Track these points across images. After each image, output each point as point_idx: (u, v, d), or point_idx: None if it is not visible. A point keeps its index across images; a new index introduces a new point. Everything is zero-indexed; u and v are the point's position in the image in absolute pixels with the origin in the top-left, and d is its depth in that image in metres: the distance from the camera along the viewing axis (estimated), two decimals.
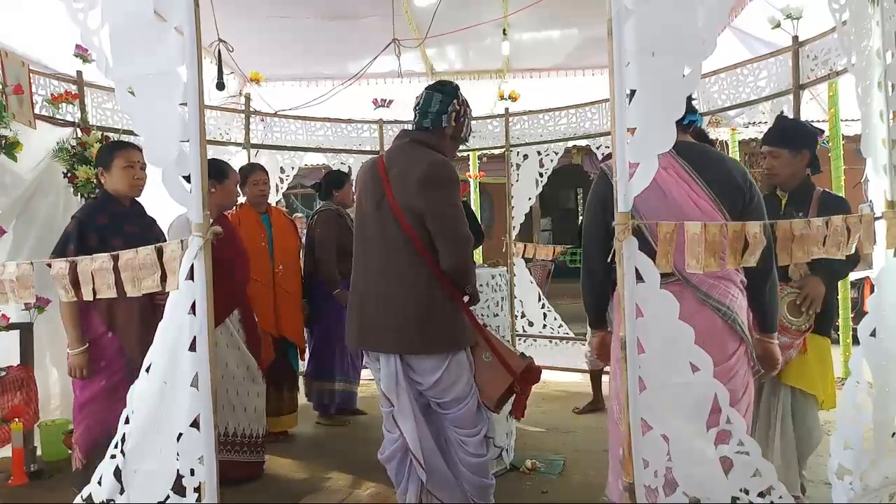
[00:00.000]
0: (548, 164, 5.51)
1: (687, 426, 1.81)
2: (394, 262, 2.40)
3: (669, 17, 1.72)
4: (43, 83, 3.81)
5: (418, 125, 2.51)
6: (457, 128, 2.52)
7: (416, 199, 2.35)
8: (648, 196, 2.05)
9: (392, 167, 2.44)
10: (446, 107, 2.47)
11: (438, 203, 2.36)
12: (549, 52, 6.45)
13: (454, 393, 2.44)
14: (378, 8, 5.13)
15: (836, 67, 3.70)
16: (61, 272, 1.97)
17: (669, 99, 1.74)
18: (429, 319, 2.37)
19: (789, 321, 2.55)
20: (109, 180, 2.86)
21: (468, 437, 2.49)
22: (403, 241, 2.37)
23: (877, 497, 2.10)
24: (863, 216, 2.14)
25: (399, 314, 2.37)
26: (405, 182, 2.38)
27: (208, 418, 1.79)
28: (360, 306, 2.48)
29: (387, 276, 2.41)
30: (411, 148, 2.47)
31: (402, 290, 2.38)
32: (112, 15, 1.76)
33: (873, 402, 2.12)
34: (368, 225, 2.48)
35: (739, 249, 1.86)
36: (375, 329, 2.43)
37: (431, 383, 2.41)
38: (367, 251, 2.49)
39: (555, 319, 5.82)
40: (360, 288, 2.51)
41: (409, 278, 2.37)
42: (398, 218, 2.37)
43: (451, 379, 2.42)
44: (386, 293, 2.41)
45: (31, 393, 3.37)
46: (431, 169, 2.38)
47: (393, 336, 2.39)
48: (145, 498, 1.86)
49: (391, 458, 2.56)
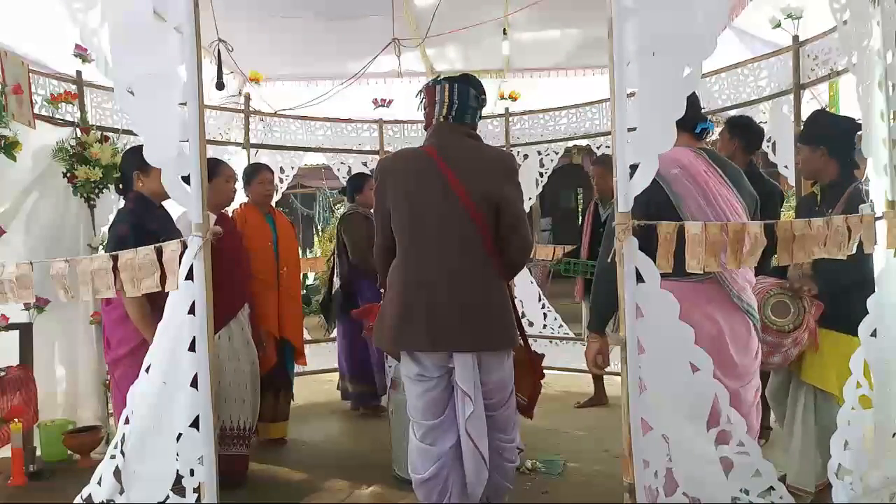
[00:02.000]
0: (548, 164, 5.51)
1: (687, 426, 1.81)
2: (464, 256, 2.30)
3: (669, 17, 1.71)
4: (42, 83, 3.81)
5: (459, 119, 2.41)
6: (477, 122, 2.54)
7: (498, 191, 2.29)
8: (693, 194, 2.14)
9: (455, 159, 2.32)
10: (481, 103, 2.47)
11: (516, 198, 2.36)
12: (549, 52, 6.45)
13: (505, 391, 2.39)
14: (378, 8, 5.12)
15: (836, 67, 3.70)
16: (61, 272, 1.97)
17: (669, 99, 1.74)
18: (501, 314, 2.34)
19: (771, 321, 2.53)
20: (147, 183, 2.86)
21: (506, 442, 2.42)
22: (474, 233, 2.29)
23: (877, 497, 2.10)
24: (863, 216, 2.14)
25: (478, 310, 2.29)
26: (482, 174, 2.31)
27: (208, 418, 1.79)
28: (429, 306, 2.28)
29: (458, 271, 2.29)
30: (467, 140, 2.41)
31: (478, 286, 2.30)
32: (112, 15, 1.77)
33: (873, 402, 2.12)
34: (427, 219, 2.31)
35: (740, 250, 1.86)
36: (451, 328, 2.27)
37: (496, 381, 2.34)
38: (425, 247, 2.31)
39: (555, 319, 5.82)
40: (419, 287, 2.30)
41: (481, 271, 2.32)
42: (470, 211, 2.27)
43: (508, 376, 2.40)
44: (462, 290, 2.28)
45: (31, 393, 3.36)
46: (512, 161, 2.43)
47: (476, 333, 2.29)
48: (145, 498, 1.86)
49: (435, 476, 2.32)
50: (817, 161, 2.73)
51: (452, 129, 2.41)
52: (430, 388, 2.33)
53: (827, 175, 2.73)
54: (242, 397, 3.32)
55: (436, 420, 2.33)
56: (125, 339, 2.77)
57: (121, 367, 2.74)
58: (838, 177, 2.70)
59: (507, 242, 2.32)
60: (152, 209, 2.87)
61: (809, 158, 2.75)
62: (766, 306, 2.52)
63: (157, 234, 2.69)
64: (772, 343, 2.54)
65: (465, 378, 2.28)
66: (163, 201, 2.93)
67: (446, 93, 2.41)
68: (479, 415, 2.32)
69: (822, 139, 2.72)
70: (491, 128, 5.64)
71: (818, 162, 2.73)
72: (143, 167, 2.83)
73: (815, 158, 2.72)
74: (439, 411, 2.33)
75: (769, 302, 2.54)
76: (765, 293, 2.55)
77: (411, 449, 2.40)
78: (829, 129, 2.74)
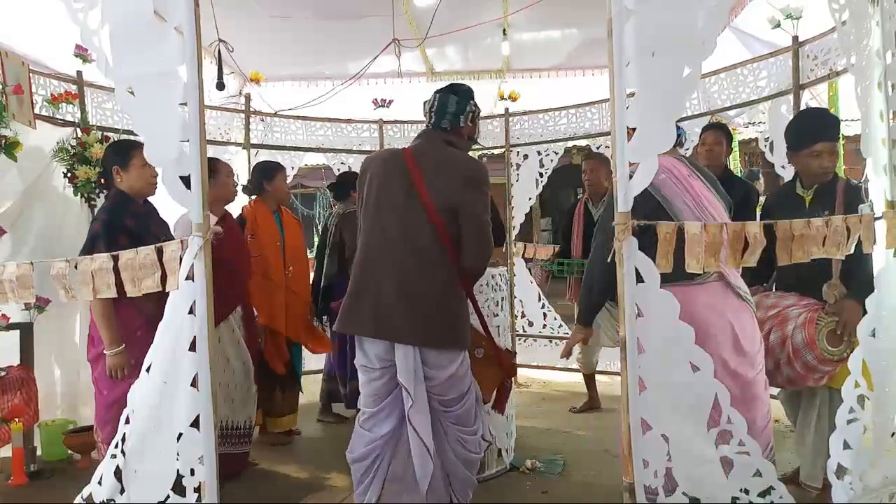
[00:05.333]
0: (548, 164, 5.51)
1: (687, 426, 1.81)
2: (420, 255, 2.38)
3: (669, 17, 1.72)
4: (43, 83, 3.81)
5: (436, 125, 2.53)
6: (472, 128, 2.59)
7: (457, 196, 2.38)
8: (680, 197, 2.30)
9: (424, 162, 2.44)
10: (463, 108, 2.52)
11: (476, 204, 2.40)
12: (549, 52, 6.44)
13: (460, 390, 2.45)
14: (378, 8, 5.12)
15: (836, 67, 3.70)
16: (61, 272, 1.97)
17: (669, 99, 1.75)
18: (449, 315, 2.40)
19: (830, 353, 2.45)
20: (126, 179, 2.81)
21: (468, 434, 2.49)
22: (432, 235, 2.38)
23: (877, 497, 2.10)
24: (863, 216, 2.14)
25: (425, 306, 2.36)
26: (444, 178, 2.40)
27: (208, 418, 1.79)
28: (376, 294, 2.40)
29: (412, 268, 2.38)
30: (443, 146, 2.50)
31: (428, 283, 2.37)
32: (112, 15, 1.77)
33: (873, 402, 2.12)
34: (389, 214, 2.43)
35: (739, 249, 1.86)
36: (394, 318, 2.36)
37: (444, 379, 2.40)
38: (385, 240, 2.42)
39: (555, 319, 5.82)
40: (372, 280, 2.42)
41: (436, 272, 2.38)
42: (429, 212, 2.37)
43: (461, 375, 2.45)
44: (410, 284, 2.37)
45: (31, 393, 3.36)
46: (476, 170, 2.47)
47: (415, 328, 2.35)
48: (145, 498, 1.87)
49: (364, 458, 2.48)
50: (797, 161, 2.73)
51: (432, 135, 2.54)
52: (373, 378, 2.46)
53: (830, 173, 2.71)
54: (233, 397, 3.34)
55: (375, 408, 2.48)
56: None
57: (101, 364, 2.73)
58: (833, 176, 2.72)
59: (464, 249, 2.40)
60: (130, 206, 2.80)
61: (792, 159, 2.74)
62: (819, 338, 2.46)
63: (134, 231, 2.67)
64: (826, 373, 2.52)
65: (404, 370, 2.38)
66: (146, 197, 2.89)
67: (432, 102, 2.56)
68: (421, 409, 2.40)
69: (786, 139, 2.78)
70: (491, 128, 5.64)
71: (800, 162, 2.72)
72: (121, 163, 2.79)
73: (835, 156, 2.69)
74: (379, 400, 2.47)
75: (822, 332, 2.47)
76: (814, 322, 2.48)
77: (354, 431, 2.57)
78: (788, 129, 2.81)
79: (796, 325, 2.51)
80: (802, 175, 2.77)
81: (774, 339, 2.56)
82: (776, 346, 2.55)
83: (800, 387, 2.64)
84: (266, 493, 3.22)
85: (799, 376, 2.53)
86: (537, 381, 5.48)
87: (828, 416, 2.62)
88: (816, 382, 2.57)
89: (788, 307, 2.60)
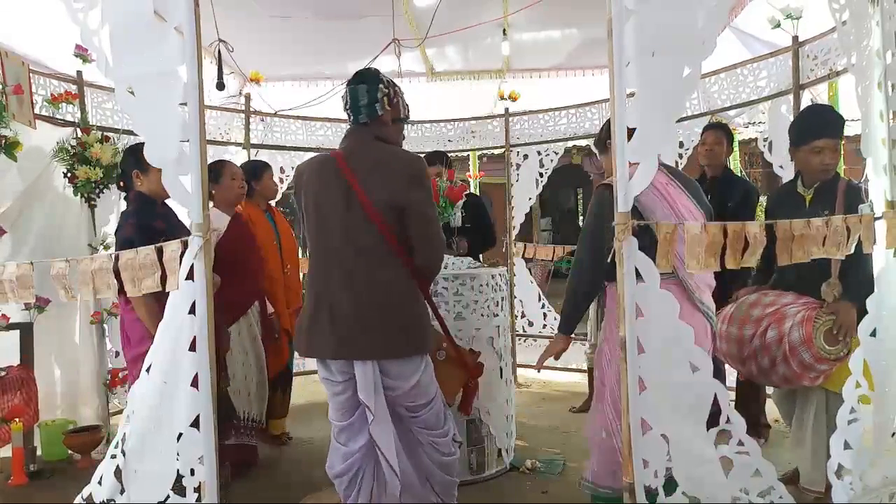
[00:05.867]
0: (548, 164, 5.51)
1: (687, 426, 1.81)
2: (367, 262, 2.25)
3: (669, 17, 1.72)
4: (43, 83, 3.81)
5: (356, 121, 2.38)
6: (393, 110, 2.41)
7: (401, 196, 2.24)
8: (659, 204, 2.35)
9: (355, 162, 2.30)
10: (375, 95, 2.34)
11: (423, 203, 2.28)
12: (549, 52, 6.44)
13: (427, 396, 2.36)
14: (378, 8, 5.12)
15: (836, 67, 3.70)
16: (61, 272, 1.97)
17: (669, 99, 1.75)
18: (408, 321, 2.27)
19: (827, 352, 2.45)
20: (146, 182, 2.86)
21: (439, 437, 2.41)
22: (377, 239, 2.25)
23: (877, 497, 2.10)
24: (863, 216, 2.14)
25: (378, 314, 2.24)
26: (382, 176, 2.26)
27: (208, 418, 1.79)
28: (330, 310, 2.27)
29: (361, 279, 2.25)
30: (372, 143, 2.35)
31: (379, 292, 2.25)
32: (112, 15, 1.77)
33: (873, 402, 2.12)
34: (331, 225, 2.30)
35: (739, 250, 1.86)
36: (351, 334, 2.24)
37: (408, 389, 2.29)
38: (330, 253, 2.31)
39: (555, 319, 5.82)
40: (325, 295, 2.30)
41: (386, 278, 2.26)
42: (369, 212, 2.24)
43: (426, 381, 2.35)
44: (360, 292, 2.24)
45: (31, 393, 3.37)
46: (418, 168, 2.32)
47: (374, 341, 2.23)
48: (145, 498, 1.87)
49: (344, 473, 2.39)
50: (837, 156, 2.69)
51: (357, 133, 2.39)
52: (338, 392, 2.37)
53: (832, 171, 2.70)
54: (248, 390, 3.48)
55: (345, 422, 2.39)
56: (147, 336, 2.77)
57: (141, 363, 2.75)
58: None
59: (416, 249, 2.29)
60: (155, 207, 2.88)
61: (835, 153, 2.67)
62: (817, 336, 2.45)
63: (163, 232, 2.68)
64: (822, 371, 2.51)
65: (364, 387, 2.27)
66: (164, 200, 2.93)
67: (346, 98, 2.41)
68: (384, 423, 2.30)
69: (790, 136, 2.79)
70: (491, 128, 5.65)
71: (837, 157, 2.69)
72: (141, 167, 2.83)
73: (837, 154, 2.68)
74: (348, 413, 2.38)
75: (819, 331, 2.46)
76: (811, 321, 2.47)
77: (330, 445, 2.48)
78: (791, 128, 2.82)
79: (794, 323, 2.50)
80: (804, 173, 2.77)
81: (772, 336, 2.56)
82: (773, 344, 2.55)
83: (795, 386, 2.64)
84: (266, 493, 3.22)
85: (795, 375, 2.52)
86: (537, 381, 5.48)
87: (825, 419, 2.61)
88: (812, 382, 2.56)
89: (787, 305, 2.60)
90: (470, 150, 6.02)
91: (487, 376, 3.21)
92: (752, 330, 2.63)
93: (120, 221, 2.94)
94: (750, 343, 2.63)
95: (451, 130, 5.71)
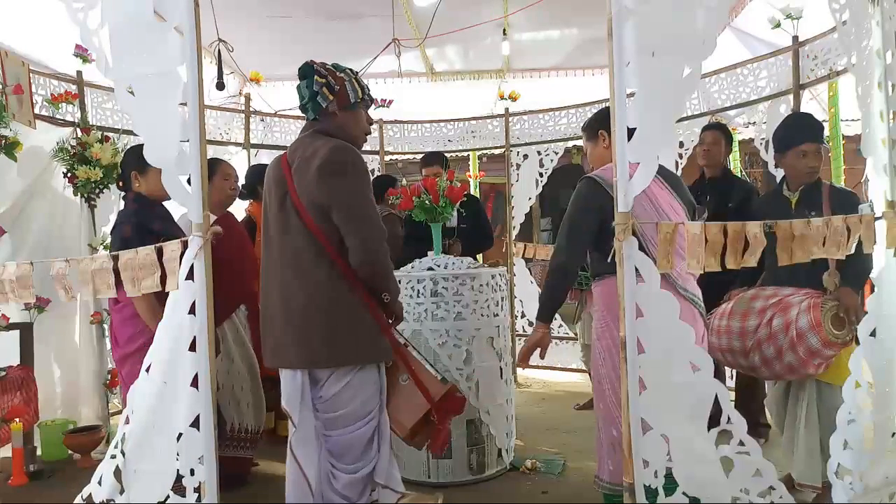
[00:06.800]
0: (548, 164, 5.51)
1: (687, 426, 1.81)
2: (297, 263, 2.11)
3: (669, 17, 1.72)
4: (43, 83, 3.81)
5: (309, 118, 2.28)
6: (339, 98, 2.22)
7: (316, 190, 2.09)
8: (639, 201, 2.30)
9: (292, 159, 2.20)
10: (314, 90, 2.20)
11: (341, 192, 2.09)
12: (549, 52, 6.45)
13: (345, 411, 2.12)
14: (378, 8, 5.13)
15: (836, 67, 3.70)
16: (61, 272, 1.97)
17: (669, 99, 1.75)
18: (334, 327, 2.08)
19: (835, 336, 2.48)
20: (144, 183, 2.86)
21: (341, 471, 2.13)
22: (307, 239, 2.10)
23: (877, 497, 2.10)
24: (863, 216, 2.14)
25: (304, 324, 2.08)
26: (305, 174, 2.12)
27: (208, 418, 1.79)
28: (270, 321, 2.18)
29: (290, 282, 2.12)
30: (312, 138, 2.21)
31: (305, 295, 2.09)
32: (112, 15, 1.77)
33: (873, 402, 2.12)
34: (271, 227, 2.21)
35: (740, 249, 1.86)
36: (281, 344, 2.12)
37: (329, 396, 2.12)
38: (270, 258, 2.20)
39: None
40: (265, 300, 2.21)
41: (314, 280, 2.09)
42: (301, 214, 2.11)
43: (348, 395, 2.11)
44: (290, 301, 2.11)
45: (31, 393, 3.36)
46: (331, 155, 2.10)
47: (301, 349, 2.09)
48: (145, 498, 1.87)
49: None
50: (820, 160, 2.78)
51: (305, 130, 2.30)
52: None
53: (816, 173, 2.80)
54: (238, 399, 3.26)
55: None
56: (134, 337, 2.77)
57: (128, 364, 2.74)
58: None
59: (348, 246, 2.10)
60: (153, 208, 2.87)
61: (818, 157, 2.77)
62: (825, 320, 2.48)
63: (160, 233, 2.69)
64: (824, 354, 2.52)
65: (288, 396, 2.14)
66: (163, 201, 2.93)
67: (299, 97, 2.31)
68: (305, 437, 2.15)
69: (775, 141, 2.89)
70: (491, 128, 5.65)
71: (820, 160, 2.78)
72: (140, 167, 2.83)
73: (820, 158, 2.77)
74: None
75: (827, 316, 2.49)
76: (818, 307, 2.51)
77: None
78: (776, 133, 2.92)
79: (800, 310, 2.53)
80: (789, 177, 2.86)
81: (777, 324, 2.57)
82: (779, 332, 2.56)
83: (799, 375, 2.64)
84: (266, 495, 3.22)
85: (801, 361, 2.53)
86: (537, 381, 5.48)
87: (817, 412, 2.64)
88: (816, 370, 2.57)
89: (789, 296, 2.63)
90: (470, 150, 6.02)
91: (487, 376, 3.21)
92: (756, 320, 2.65)
93: (117, 221, 2.93)
94: (754, 333, 2.64)
95: (451, 130, 5.71)
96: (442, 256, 3.30)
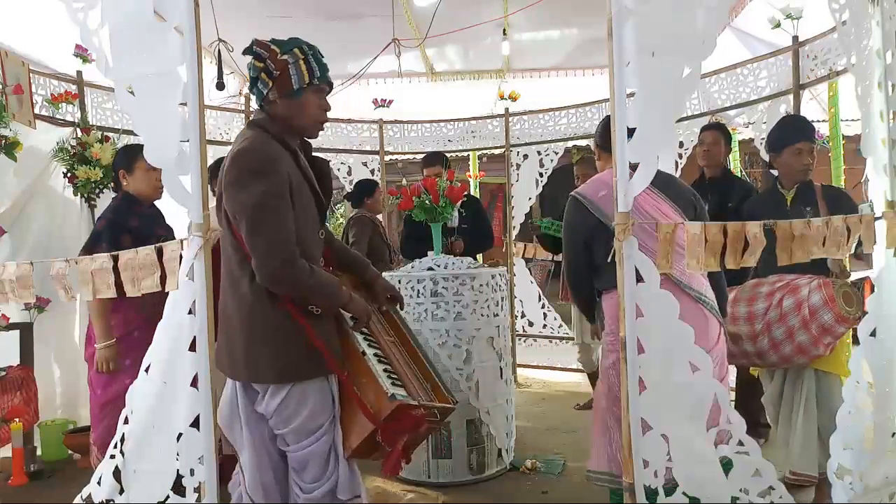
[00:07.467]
0: (548, 164, 5.51)
1: (687, 426, 1.81)
2: (229, 271, 1.95)
3: (669, 17, 1.72)
4: (43, 83, 3.81)
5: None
6: (280, 84, 1.93)
7: (227, 198, 1.88)
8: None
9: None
10: (255, 72, 1.96)
11: (237, 203, 1.85)
12: (549, 52, 6.45)
13: (294, 426, 1.92)
14: (378, 8, 5.13)
15: (836, 67, 3.70)
16: (61, 272, 1.97)
17: (669, 99, 1.75)
18: (254, 342, 1.89)
19: (847, 311, 2.52)
20: (131, 182, 2.89)
21: (301, 489, 1.96)
22: (233, 246, 1.92)
23: (877, 497, 2.10)
24: (863, 216, 2.14)
25: (229, 334, 1.93)
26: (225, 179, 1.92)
27: (208, 418, 1.79)
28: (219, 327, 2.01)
29: (225, 289, 1.96)
30: (244, 131, 1.99)
31: (233, 306, 1.93)
32: (112, 15, 1.77)
33: (873, 402, 2.12)
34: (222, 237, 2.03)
35: (740, 249, 1.86)
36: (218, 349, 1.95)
37: (271, 412, 1.93)
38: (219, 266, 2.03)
39: (555, 319, 5.82)
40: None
41: (241, 292, 1.91)
42: (227, 218, 1.91)
43: (291, 410, 1.91)
44: (223, 309, 1.95)
45: (31, 393, 3.36)
46: (232, 161, 1.88)
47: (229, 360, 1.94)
48: (145, 498, 1.87)
49: None
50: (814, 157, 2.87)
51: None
52: None
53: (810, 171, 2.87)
54: None
55: None
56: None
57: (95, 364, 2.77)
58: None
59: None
60: (135, 207, 2.88)
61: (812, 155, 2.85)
62: (838, 296, 2.51)
63: (137, 232, 2.72)
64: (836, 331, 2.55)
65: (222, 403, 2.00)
66: (153, 200, 2.95)
67: None
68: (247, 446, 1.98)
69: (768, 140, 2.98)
70: (491, 128, 5.65)
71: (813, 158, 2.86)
72: (127, 167, 2.88)
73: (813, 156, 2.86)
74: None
75: (839, 294, 2.53)
76: (830, 284, 2.55)
77: None
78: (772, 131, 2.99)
79: (811, 289, 2.55)
80: (784, 175, 2.91)
81: (788, 304, 2.58)
82: (790, 312, 2.57)
83: (808, 356, 2.63)
84: None
85: (813, 340, 2.53)
86: (537, 381, 5.48)
87: (815, 400, 2.66)
88: (826, 349, 2.59)
89: (795, 279, 2.65)
90: (470, 150, 6.02)
91: (487, 376, 3.21)
92: (764, 303, 2.66)
93: (98, 216, 2.97)
94: (764, 316, 2.65)
95: (451, 130, 5.71)
96: (442, 256, 3.30)
